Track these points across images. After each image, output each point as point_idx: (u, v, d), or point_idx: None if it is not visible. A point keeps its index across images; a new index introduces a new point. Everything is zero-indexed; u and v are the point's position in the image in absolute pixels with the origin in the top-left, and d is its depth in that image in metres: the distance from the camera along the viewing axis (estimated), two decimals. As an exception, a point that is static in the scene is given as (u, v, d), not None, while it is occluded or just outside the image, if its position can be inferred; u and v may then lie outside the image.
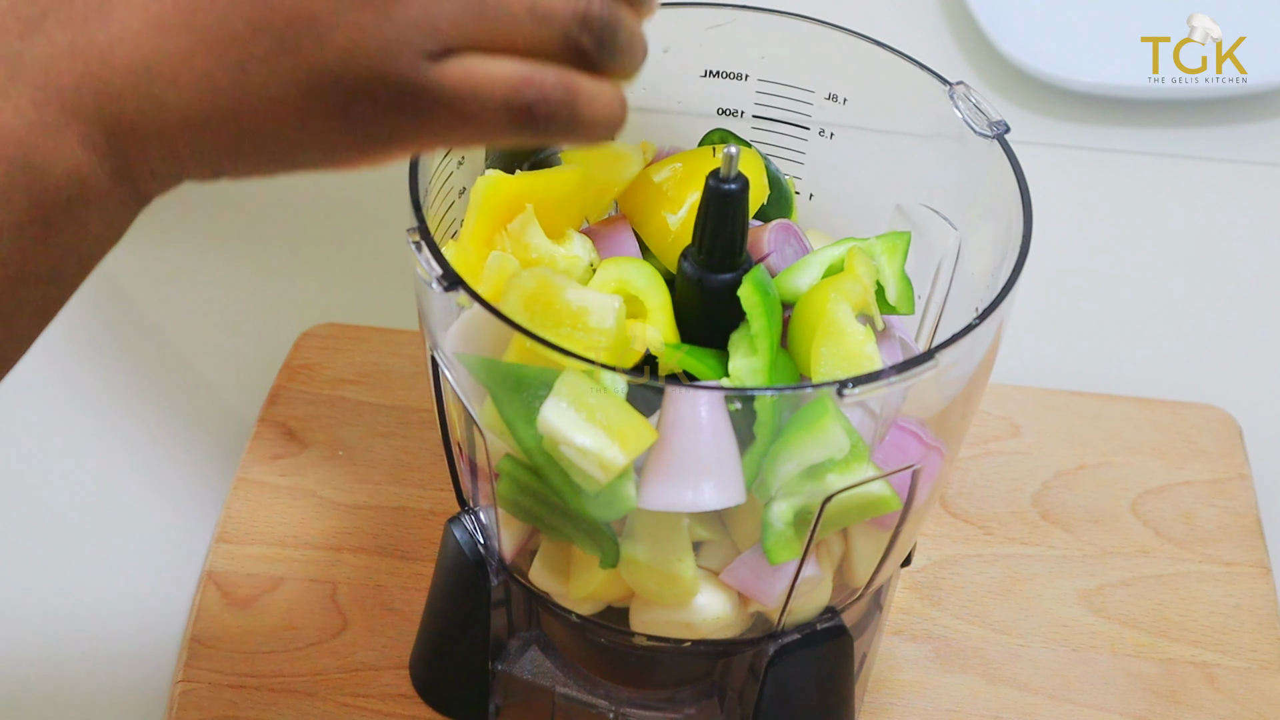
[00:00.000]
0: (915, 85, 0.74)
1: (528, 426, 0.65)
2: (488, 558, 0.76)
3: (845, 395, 0.63)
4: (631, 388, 0.65)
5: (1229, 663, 0.86)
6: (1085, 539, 0.90)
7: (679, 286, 0.71)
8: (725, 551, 0.70)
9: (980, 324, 0.66)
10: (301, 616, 0.85)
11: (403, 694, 0.82)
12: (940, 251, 0.75)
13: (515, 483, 0.69)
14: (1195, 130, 1.17)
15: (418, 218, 0.67)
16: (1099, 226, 1.12)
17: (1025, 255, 0.68)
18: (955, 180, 0.75)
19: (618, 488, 0.65)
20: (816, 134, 0.77)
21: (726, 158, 0.67)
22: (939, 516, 0.91)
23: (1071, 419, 0.96)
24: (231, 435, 0.94)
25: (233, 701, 0.81)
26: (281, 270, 1.05)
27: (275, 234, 1.08)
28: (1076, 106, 1.17)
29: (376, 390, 0.95)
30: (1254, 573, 0.89)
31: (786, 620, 0.72)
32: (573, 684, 0.78)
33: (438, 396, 0.73)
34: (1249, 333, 1.06)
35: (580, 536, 0.69)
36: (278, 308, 1.02)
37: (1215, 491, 0.92)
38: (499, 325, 0.65)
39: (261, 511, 0.89)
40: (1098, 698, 0.84)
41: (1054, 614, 0.87)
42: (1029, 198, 0.70)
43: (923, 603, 0.87)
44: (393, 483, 0.91)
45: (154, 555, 0.89)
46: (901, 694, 0.84)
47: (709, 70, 0.77)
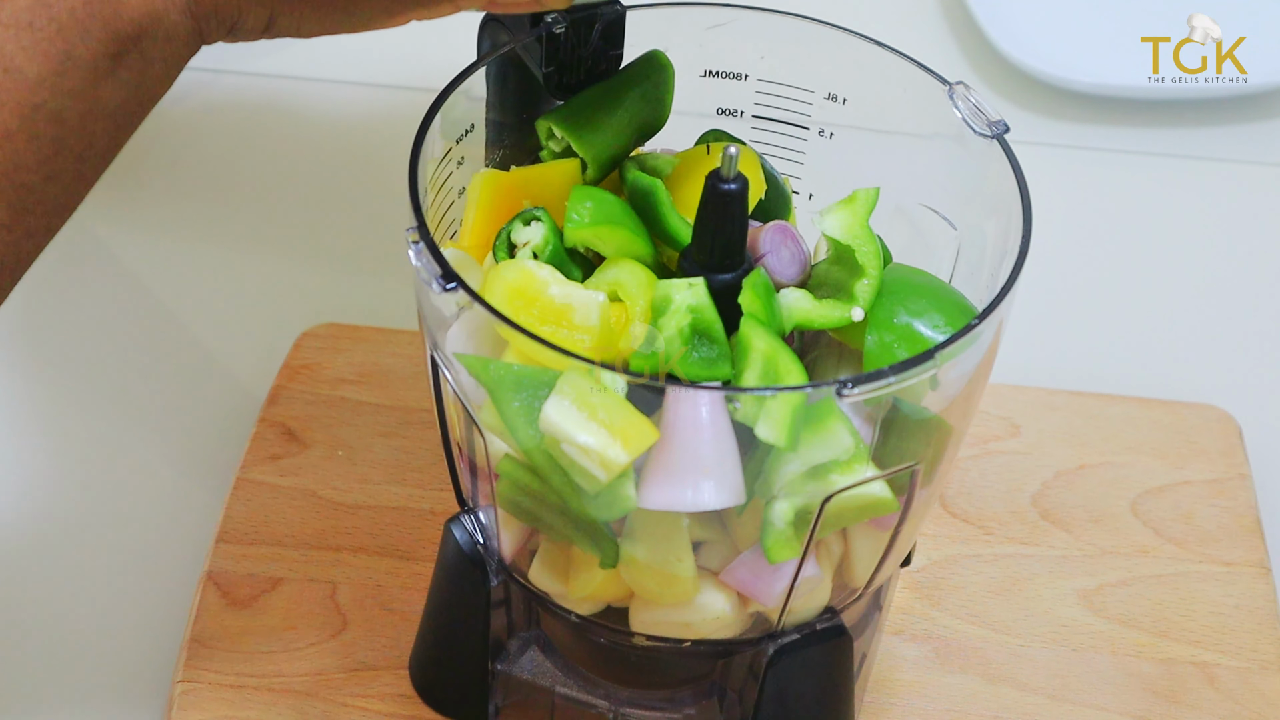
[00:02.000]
0: (915, 85, 0.74)
1: (528, 427, 0.65)
2: (487, 558, 0.76)
3: (844, 395, 0.63)
4: (631, 388, 0.64)
5: (1229, 663, 0.86)
6: (1085, 539, 0.90)
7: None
8: (725, 551, 0.70)
9: (980, 324, 0.66)
10: (301, 616, 0.85)
11: (402, 694, 0.82)
12: (940, 251, 0.75)
13: (515, 483, 0.69)
14: (1195, 130, 1.17)
15: (417, 217, 0.67)
16: (1099, 226, 1.12)
17: (1025, 255, 0.68)
18: (955, 180, 0.75)
19: (617, 488, 0.65)
20: (816, 134, 0.77)
21: (726, 158, 0.67)
22: (939, 516, 0.91)
23: (1071, 419, 0.96)
24: (231, 435, 0.94)
25: (232, 701, 0.81)
26: (281, 270, 1.05)
27: (276, 233, 1.08)
28: (1076, 106, 1.17)
29: (376, 390, 0.95)
30: (1254, 573, 0.89)
31: (786, 620, 0.72)
32: (572, 684, 0.78)
33: (437, 397, 0.73)
34: (1249, 333, 1.06)
35: (580, 537, 0.69)
36: (278, 308, 1.02)
37: (1215, 491, 0.92)
38: (498, 325, 0.65)
39: (261, 512, 0.89)
40: (1097, 698, 0.84)
41: (1054, 614, 0.87)
42: (1028, 198, 0.70)
43: (922, 603, 0.87)
44: (392, 483, 0.91)
45: (154, 555, 0.89)
46: (901, 694, 0.84)
47: (708, 70, 0.77)
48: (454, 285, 0.65)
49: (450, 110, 0.72)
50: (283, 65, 1.19)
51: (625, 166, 0.73)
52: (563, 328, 0.66)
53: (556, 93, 0.75)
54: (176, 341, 1.00)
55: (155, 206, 1.09)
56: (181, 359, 0.99)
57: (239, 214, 1.09)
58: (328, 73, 1.19)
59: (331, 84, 1.18)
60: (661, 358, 0.67)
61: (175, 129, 1.15)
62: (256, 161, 1.13)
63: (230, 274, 1.05)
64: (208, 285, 1.04)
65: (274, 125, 1.16)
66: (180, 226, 1.08)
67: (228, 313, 1.02)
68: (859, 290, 0.70)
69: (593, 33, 0.74)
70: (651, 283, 0.69)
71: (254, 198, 1.11)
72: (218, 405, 0.96)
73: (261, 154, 1.14)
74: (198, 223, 1.08)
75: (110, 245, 1.06)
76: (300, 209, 1.10)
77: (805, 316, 0.70)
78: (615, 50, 0.75)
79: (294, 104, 1.17)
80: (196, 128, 1.15)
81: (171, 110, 1.17)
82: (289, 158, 1.13)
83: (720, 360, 0.68)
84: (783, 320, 0.69)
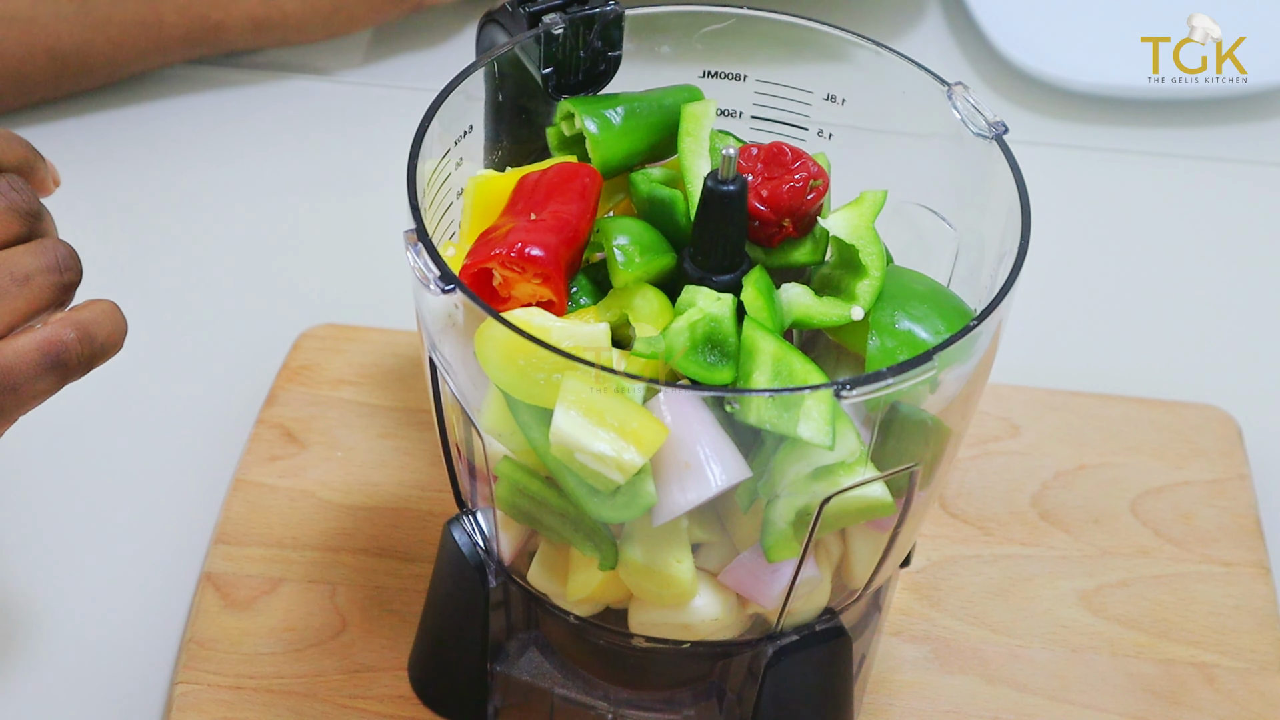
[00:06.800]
0: (913, 86, 0.74)
1: (544, 427, 0.65)
2: (486, 559, 0.76)
3: (844, 396, 0.63)
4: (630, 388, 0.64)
5: (1228, 663, 0.86)
6: (1084, 539, 0.90)
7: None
8: (724, 553, 0.70)
9: (979, 324, 0.66)
10: (300, 618, 0.85)
11: (401, 695, 0.82)
12: (939, 252, 0.75)
13: (514, 485, 0.69)
14: (1195, 130, 1.17)
15: (415, 218, 0.67)
16: (1098, 226, 1.12)
17: (1024, 255, 0.68)
18: (953, 180, 0.75)
19: (637, 485, 0.65)
20: (815, 134, 0.77)
21: (724, 159, 0.67)
22: (938, 517, 0.91)
23: (1071, 419, 0.96)
24: (231, 436, 0.94)
25: (231, 703, 0.81)
26: (281, 270, 1.05)
27: (276, 233, 1.08)
28: (1076, 106, 1.17)
29: (376, 391, 0.95)
30: (1253, 573, 0.89)
31: (785, 621, 0.72)
32: (571, 685, 0.78)
33: (436, 398, 0.73)
34: (1249, 333, 1.06)
35: (579, 538, 0.69)
36: (278, 308, 1.02)
37: (1215, 492, 0.92)
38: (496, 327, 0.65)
39: (260, 512, 0.89)
40: (1097, 698, 0.84)
41: (1053, 614, 0.87)
42: (1027, 198, 0.70)
43: (922, 603, 0.87)
44: (392, 484, 0.91)
45: (153, 555, 0.89)
46: (900, 695, 0.84)
47: (707, 71, 0.77)
48: (452, 287, 0.65)
49: (449, 111, 0.72)
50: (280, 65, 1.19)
51: (636, 179, 0.73)
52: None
53: (555, 94, 0.75)
54: (176, 341, 1.00)
55: (155, 206, 1.09)
56: (181, 359, 0.99)
57: (239, 214, 1.09)
58: (328, 72, 1.19)
59: (332, 84, 1.18)
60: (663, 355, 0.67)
61: (175, 128, 1.15)
62: (256, 161, 1.13)
63: (230, 274, 1.05)
64: (208, 285, 1.04)
65: (274, 124, 1.16)
66: (180, 226, 1.08)
67: (228, 313, 1.02)
68: (860, 290, 0.70)
69: (591, 34, 0.74)
70: (667, 309, 0.69)
71: (254, 197, 1.10)
72: (217, 405, 0.96)
73: (261, 153, 1.14)
74: (197, 222, 1.08)
75: (110, 245, 1.06)
76: (300, 209, 1.10)
77: (805, 312, 0.70)
78: (614, 52, 0.75)
79: (293, 103, 1.17)
80: (196, 127, 1.15)
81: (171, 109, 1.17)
82: (289, 157, 1.13)
83: (724, 367, 0.68)
84: (783, 316, 0.69)
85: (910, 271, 0.73)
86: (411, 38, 1.21)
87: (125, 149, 1.13)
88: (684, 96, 0.75)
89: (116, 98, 1.16)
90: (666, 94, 0.75)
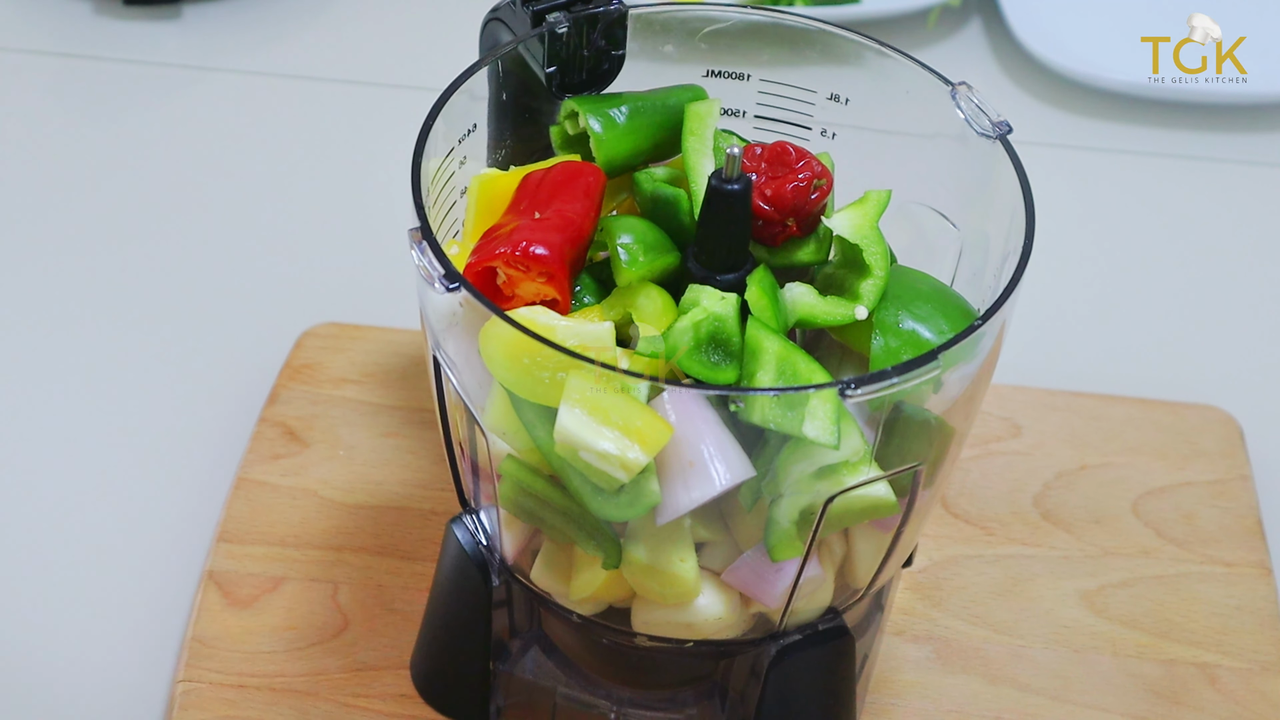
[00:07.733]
0: (917, 86, 0.74)
1: (548, 426, 0.65)
2: (489, 558, 0.76)
3: (848, 396, 0.63)
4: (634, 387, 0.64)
5: (1230, 663, 0.86)
6: (1086, 540, 0.90)
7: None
8: (727, 552, 0.70)
9: (983, 324, 0.66)
10: (302, 616, 0.85)
11: (404, 694, 0.82)
12: (942, 252, 0.75)
13: (517, 484, 0.69)
14: (1195, 130, 1.17)
15: (420, 217, 0.67)
16: (1099, 226, 1.12)
17: (1028, 255, 0.68)
18: (957, 180, 0.75)
19: (641, 484, 0.65)
20: (819, 134, 0.77)
21: (729, 158, 0.67)
22: (940, 517, 0.91)
23: (1072, 420, 0.96)
24: (232, 435, 0.94)
25: (233, 701, 0.81)
26: (282, 270, 1.05)
27: (276, 233, 1.08)
28: (1076, 106, 1.17)
29: (377, 390, 0.95)
30: (1255, 573, 0.89)
31: (788, 621, 0.72)
32: (574, 684, 0.78)
33: (439, 397, 0.72)
34: (1249, 333, 1.06)
35: (582, 537, 0.69)
36: (278, 308, 1.02)
37: (1216, 492, 0.92)
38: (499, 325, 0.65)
39: (262, 511, 0.89)
40: (1099, 698, 0.84)
41: (1055, 615, 0.87)
42: (1031, 198, 0.70)
43: (924, 603, 0.87)
44: (394, 482, 0.91)
45: (154, 555, 0.89)
46: (903, 694, 0.84)
47: (711, 70, 0.77)
48: (457, 285, 0.65)
49: (453, 109, 0.72)
50: (283, 64, 1.19)
51: (640, 178, 0.73)
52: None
53: (558, 92, 0.75)
54: (178, 340, 1.00)
55: (155, 205, 1.09)
56: (183, 358, 0.99)
57: (239, 214, 1.09)
58: (328, 72, 1.19)
59: (333, 83, 1.18)
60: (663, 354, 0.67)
61: (174, 128, 1.15)
62: (256, 161, 1.13)
63: (230, 274, 1.05)
64: (210, 284, 1.04)
65: (274, 124, 1.16)
66: (180, 226, 1.08)
67: (228, 313, 1.02)
68: (864, 289, 0.70)
69: (595, 33, 0.74)
70: (670, 308, 0.69)
71: (254, 197, 1.10)
72: (219, 404, 0.96)
73: (262, 153, 1.14)
74: (200, 221, 1.08)
75: (110, 244, 1.06)
76: (301, 209, 1.10)
77: (809, 311, 0.70)
78: (618, 50, 0.75)
79: (294, 103, 1.17)
80: (196, 127, 1.15)
81: (171, 109, 1.17)
82: (289, 157, 1.13)
83: (727, 367, 0.68)
84: (787, 315, 0.69)
85: (914, 271, 0.73)
86: (415, 36, 1.21)
87: (126, 149, 1.13)
88: (688, 96, 0.75)
89: (117, 98, 1.16)
90: (670, 93, 0.75)
